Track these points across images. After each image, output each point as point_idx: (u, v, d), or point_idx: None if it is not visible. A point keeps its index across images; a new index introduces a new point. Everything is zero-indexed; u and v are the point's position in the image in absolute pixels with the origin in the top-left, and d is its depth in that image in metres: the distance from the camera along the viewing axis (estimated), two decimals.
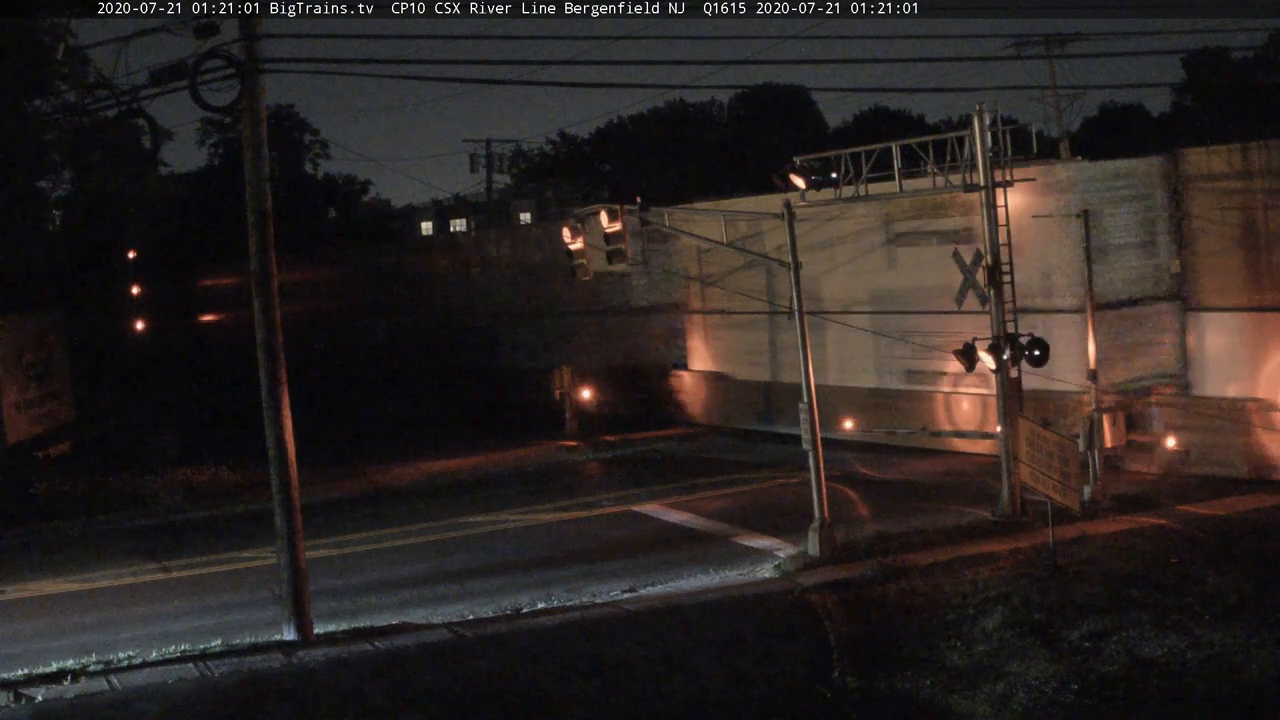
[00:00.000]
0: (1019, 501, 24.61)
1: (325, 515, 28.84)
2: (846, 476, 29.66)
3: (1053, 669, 16.60)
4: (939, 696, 16.28)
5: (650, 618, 20.14)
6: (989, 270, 24.84)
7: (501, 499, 30.96)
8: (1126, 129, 70.95)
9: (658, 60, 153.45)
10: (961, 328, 25.93)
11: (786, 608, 20.43)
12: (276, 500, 20.24)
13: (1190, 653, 16.71)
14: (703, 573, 22.82)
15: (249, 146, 20.03)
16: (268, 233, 20.12)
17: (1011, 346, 24.31)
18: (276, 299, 20.25)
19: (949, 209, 30.22)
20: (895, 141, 27.64)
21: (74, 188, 47.56)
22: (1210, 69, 69.30)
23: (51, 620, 22.29)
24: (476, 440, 39.12)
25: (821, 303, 32.66)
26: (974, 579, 20.71)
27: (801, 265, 24.12)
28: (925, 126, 74.51)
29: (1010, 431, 24.03)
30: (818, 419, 23.46)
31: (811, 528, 23.12)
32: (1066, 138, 48.53)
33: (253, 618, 21.41)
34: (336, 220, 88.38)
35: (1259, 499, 24.72)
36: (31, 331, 40.69)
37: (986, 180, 25.05)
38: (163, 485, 33.24)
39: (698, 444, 37.24)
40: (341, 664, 18.58)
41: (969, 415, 30.49)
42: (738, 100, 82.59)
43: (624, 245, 24.87)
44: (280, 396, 20.14)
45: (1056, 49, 46.61)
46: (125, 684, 18.09)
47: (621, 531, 26.82)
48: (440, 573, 24.17)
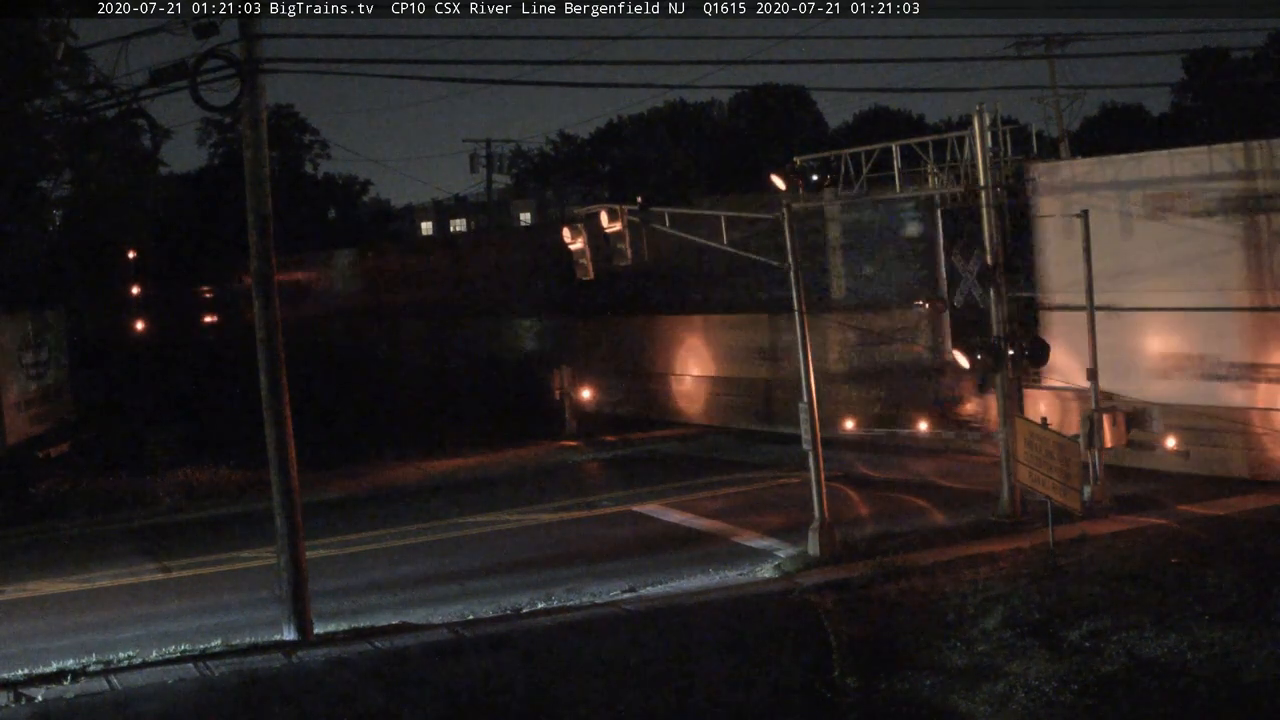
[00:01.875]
0: (1019, 501, 24.62)
1: (325, 515, 28.84)
2: (846, 476, 29.67)
3: (1053, 669, 16.59)
4: (939, 696, 16.27)
5: (650, 618, 20.14)
6: (989, 270, 24.86)
7: (501, 499, 30.97)
8: (1126, 129, 70.99)
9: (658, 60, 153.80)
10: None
11: (786, 608, 20.43)
12: (276, 500, 20.24)
13: (1190, 653, 16.70)
14: (703, 573, 22.82)
15: (249, 146, 20.03)
16: (268, 233, 20.13)
17: (1011, 346, 24.33)
18: (276, 299, 20.25)
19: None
20: (895, 141, 27.65)
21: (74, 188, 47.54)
22: (1210, 69, 69.30)
23: (51, 620, 22.28)
24: (476, 440, 39.10)
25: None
26: (974, 579, 20.71)
27: None
28: (925, 126, 74.55)
29: (1010, 432, 24.04)
30: (818, 419, 23.46)
31: (811, 528, 23.12)
32: (1066, 138, 48.49)
33: (253, 618, 21.41)
34: (336, 220, 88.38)
35: (1259, 499, 24.73)
36: (31, 331, 40.66)
37: (986, 180, 25.08)
38: (163, 485, 33.23)
39: (698, 444, 37.26)
40: (341, 664, 18.58)
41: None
42: (738, 100, 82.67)
43: (624, 245, 24.89)
44: (280, 396, 20.14)
45: (1056, 49, 46.51)
46: (125, 684, 18.09)
47: (621, 531, 26.82)
48: (440, 573, 24.17)
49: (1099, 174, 28.63)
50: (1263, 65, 65.18)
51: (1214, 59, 67.96)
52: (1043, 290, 29.88)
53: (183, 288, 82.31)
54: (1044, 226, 29.23)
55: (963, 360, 24.58)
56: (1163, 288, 27.68)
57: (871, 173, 28.11)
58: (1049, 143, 47.26)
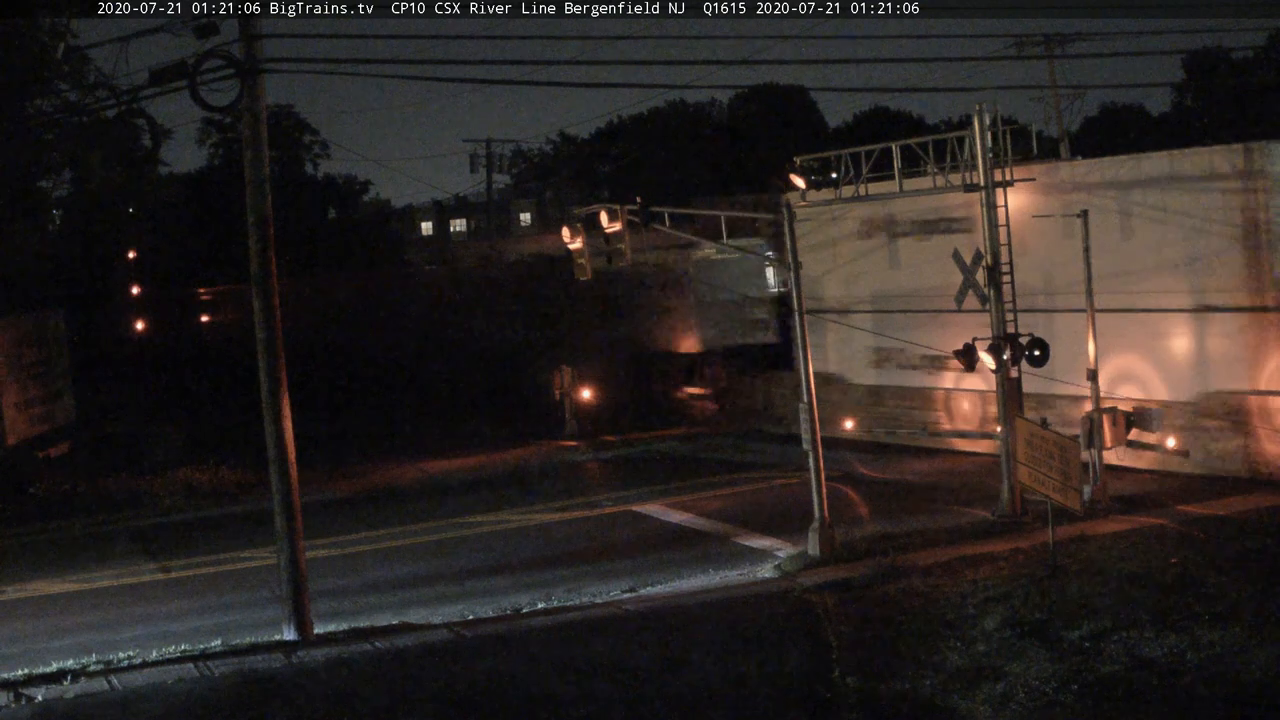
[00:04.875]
0: (1019, 502, 24.62)
1: (325, 515, 28.85)
2: (846, 476, 29.67)
3: (1053, 669, 16.59)
4: (939, 696, 16.27)
5: (650, 618, 20.14)
6: (989, 270, 24.86)
7: (502, 499, 30.97)
8: (1126, 129, 70.99)
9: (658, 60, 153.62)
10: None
11: (787, 608, 20.43)
12: (276, 500, 20.24)
13: (1190, 653, 16.70)
14: (703, 573, 22.83)
15: (249, 147, 20.03)
16: (267, 233, 20.13)
17: (1011, 346, 24.33)
18: (277, 299, 20.25)
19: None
20: (895, 141, 27.64)
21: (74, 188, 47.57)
22: (1210, 69, 69.28)
23: (51, 620, 22.29)
24: (477, 440, 39.12)
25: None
26: (974, 579, 20.71)
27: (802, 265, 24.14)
28: (925, 126, 74.53)
29: (1010, 431, 24.03)
30: (818, 420, 23.47)
31: (811, 528, 23.12)
32: (1066, 138, 48.50)
33: (253, 618, 21.41)
34: (336, 220, 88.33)
35: (1259, 499, 24.72)
36: (31, 331, 40.66)
37: (986, 180, 25.07)
38: (163, 485, 33.24)
39: (698, 444, 37.26)
40: (341, 664, 18.58)
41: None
42: (738, 100, 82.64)
43: (624, 245, 24.89)
44: (280, 397, 20.14)
45: (1056, 49, 46.55)
46: (125, 684, 18.09)
47: (621, 531, 26.83)
48: (440, 573, 24.17)
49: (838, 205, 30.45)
50: (1263, 65, 65.16)
51: (1214, 59, 67.94)
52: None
53: (183, 288, 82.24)
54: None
55: (963, 360, 24.57)
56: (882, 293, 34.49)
57: (871, 173, 28.11)
58: (1049, 142, 47.30)
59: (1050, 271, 29.14)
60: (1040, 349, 24.56)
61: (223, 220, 60.44)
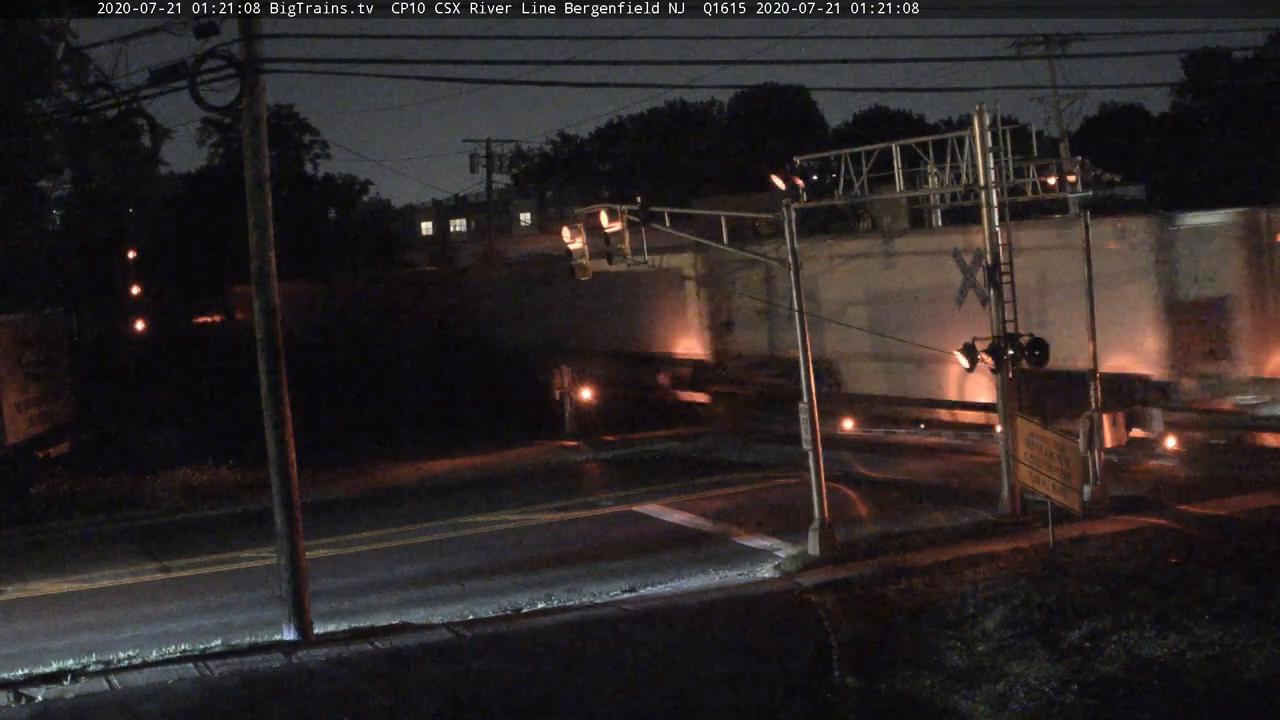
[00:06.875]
0: (1019, 501, 24.61)
1: (325, 515, 28.83)
2: (846, 476, 29.65)
3: (1053, 669, 16.59)
4: (939, 696, 16.27)
5: (650, 618, 20.14)
6: (988, 270, 24.85)
7: (501, 499, 30.95)
8: (1126, 129, 71.00)
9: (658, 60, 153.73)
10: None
11: (786, 608, 20.43)
12: (276, 500, 20.23)
13: (1190, 653, 16.70)
14: (703, 573, 22.82)
15: (249, 147, 20.02)
16: (267, 233, 20.12)
17: (1011, 347, 24.32)
18: (277, 299, 20.24)
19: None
20: (895, 142, 27.63)
21: (74, 188, 47.58)
22: (1210, 69, 69.29)
23: (51, 620, 22.28)
24: (477, 440, 39.09)
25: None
26: (974, 579, 20.70)
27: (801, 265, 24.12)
28: (925, 126, 74.61)
29: (1010, 432, 24.03)
30: (817, 419, 23.45)
31: (811, 528, 23.12)
32: (1066, 138, 48.54)
33: (253, 618, 21.41)
34: (336, 220, 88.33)
35: (1259, 499, 24.72)
36: (31, 331, 40.65)
37: (986, 180, 25.06)
38: (163, 485, 33.19)
39: (698, 444, 37.25)
40: (341, 664, 18.58)
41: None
42: (738, 100, 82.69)
43: (624, 245, 24.88)
44: (280, 396, 20.14)
45: (1056, 49, 46.62)
46: (125, 684, 18.08)
47: (621, 531, 26.82)
48: (440, 573, 24.16)
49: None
50: (1263, 65, 65.15)
51: (1214, 59, 67.95)
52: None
53: (183, 287, 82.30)
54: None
55: (963, 361, 24.56)
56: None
57: (871, 173, 28.09)
58: (1049, 142, 47.31)
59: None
60: (1040, 349, 24.55)
61: (223, 220, 60.49)
